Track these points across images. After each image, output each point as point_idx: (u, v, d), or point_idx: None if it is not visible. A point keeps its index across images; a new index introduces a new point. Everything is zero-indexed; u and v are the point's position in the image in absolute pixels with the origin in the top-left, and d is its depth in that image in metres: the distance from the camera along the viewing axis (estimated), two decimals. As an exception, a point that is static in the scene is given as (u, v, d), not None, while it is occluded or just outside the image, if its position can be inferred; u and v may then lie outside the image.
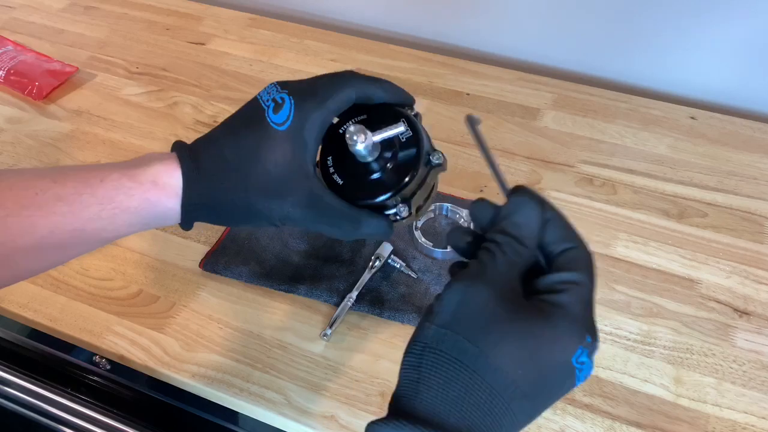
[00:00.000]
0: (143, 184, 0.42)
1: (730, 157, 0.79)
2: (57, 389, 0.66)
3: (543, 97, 0.87)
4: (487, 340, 0.30)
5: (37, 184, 0.41)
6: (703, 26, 0.83)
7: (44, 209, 0.40)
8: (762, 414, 0.56)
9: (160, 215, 0.43)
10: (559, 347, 0.31)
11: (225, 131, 0.43)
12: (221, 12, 1.05)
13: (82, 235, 0.42)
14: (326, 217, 0.41)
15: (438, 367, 0.30)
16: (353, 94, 0.43)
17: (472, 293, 0.31)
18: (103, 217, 0.41)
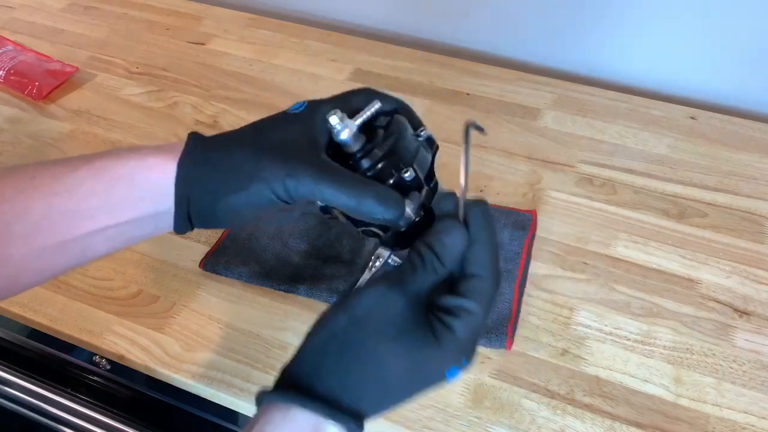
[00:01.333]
0: (142, 150, 0.41)
1: (730, 157, 0.79)
2: (57, 389, 0.66)
3: (543, 97, 0.87)
4: (388, 344, 0.35)
5: (36, 169, 0.41)
6: (703, 26, 0.83)
7: (40, 190, 0.40)
8: (762, 414, 0.56)
9: (155, 185, 0.41)
10: (439, 364, 0.36)
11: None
12: (221, 12, 1.05)
13: (77, 219, 0.40)
14: (336, 180, 0.39)
15: (341, 357, 0.35)
16: (363, 96, 0.43)
17: (387, 298, 0.35)
18: (99, 191, 0.40)
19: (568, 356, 0.60)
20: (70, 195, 0.40)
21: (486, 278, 0.37)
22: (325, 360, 0.35)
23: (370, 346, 0.35)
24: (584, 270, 0.67)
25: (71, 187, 0.40)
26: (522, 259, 0.66)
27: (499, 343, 0.60)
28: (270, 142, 0.40)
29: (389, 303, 0.35)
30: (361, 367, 0.35)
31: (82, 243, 0.41)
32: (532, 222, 0.70)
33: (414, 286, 0.36)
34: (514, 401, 0.57)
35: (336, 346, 0.35)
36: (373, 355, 0.35)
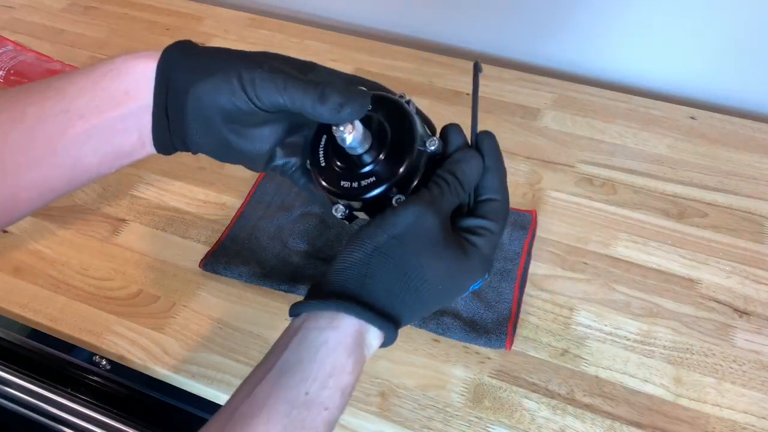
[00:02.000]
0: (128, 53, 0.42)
1: (730, 157, 0.79)
2: (57, 389, 0.66)
3: (543, 97, 0.87)
4: (428, 258, 0.38)
5: (32, 83, 0.42)
6: (703, 25, 0.83)
7: (33, 96, 0.40)
8: (762, 414, 0.56)
9: (139, 75, 0.41)
10: (469, 276, 0.41)
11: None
12: (221, 12, 1.05)
13: (68, 119, 0.40)
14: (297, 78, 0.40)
15: (384, 269, 0.38)
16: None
17: (424, 217, 0.39)
18: (88, 88, 0.41)
19: (568, 356, 0.60)
20: (62, 96, 0.40)
21: (501, 200, 0.42)
22: (369, 271, 0.38)
23: (412, 260, 0.38)
24: (584, 270, 0.67)
25: (62, 89, 0.41)
26: (522, 259, 0.66)
27: (499, 343, 0.60)
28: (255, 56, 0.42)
29: (426, 222, 0.39)
30: (404, 279, 0.38)
31: (74, 149, 0.41)
32: (532, 222, 0.70)
33: (442, 208, 0.40)
34: (514, 401, 0.57)
35: (379, 260, 0.38)
36: (415, 268, 0.38)
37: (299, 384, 0.36)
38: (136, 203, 0.74)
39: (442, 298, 0.41)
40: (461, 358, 0.60)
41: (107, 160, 0.43)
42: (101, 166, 0.43)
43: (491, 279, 0.65)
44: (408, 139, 0.41)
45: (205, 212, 0.73)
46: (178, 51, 0.42)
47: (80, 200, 0.75)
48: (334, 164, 0.43)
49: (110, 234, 0.71)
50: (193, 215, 0.73)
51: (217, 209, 0.73)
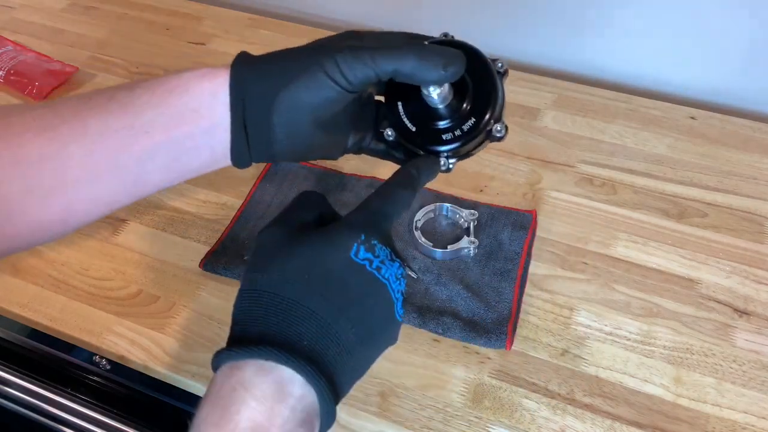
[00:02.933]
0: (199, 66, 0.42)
1: (730, 157, 0.79)
2: (57, 389, 0.66)
3: (543, 97, 0.87)
4: (274, 263, 0.36)
5: (93, 91, 0.41)
6: (703, 26, 0.83)
7: (95, 109, 0.39)
8: (762, 414, 0.56)
9: (209, 92, 0.40)
10: (332, 247, 0.36)
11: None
12: (221, 12, 1.05)
13: (132, 135, 0.39)
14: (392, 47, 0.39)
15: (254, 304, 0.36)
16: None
17: (265, 235, 0.38)
18: (153, 104, 0.39)
19: (568, 356, 0.60)
20: (125, 111, 0.39)
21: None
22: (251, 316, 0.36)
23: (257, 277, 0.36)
24: (584, 270, 0.67)
25: (126, 103, 0.39)
26: (522, 259, 0.66)
27: (499, 343, 0.60)
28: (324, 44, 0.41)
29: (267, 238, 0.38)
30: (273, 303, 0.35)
31: (137, 166, 0.40)
32: (532, 222, 0.70)
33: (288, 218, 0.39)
34: (514, 401, 0.57)
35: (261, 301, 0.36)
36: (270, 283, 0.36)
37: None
38: (136, 203, 0.74)
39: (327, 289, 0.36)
40: (461, 358, 0.60)
41: (172, 176, 0.42)
42: (164, 182, 0.42)
43: (491, 279, 0.65)
44: (489, 85, 0.43)
45: (205, 212, 0.73)
46: (245, 65, 0.41)
47: (80, 200, 0.75)
48: (425, 125, 0.43)
49: (110, 234, 0.71)
50: (193, 215, 0.73)
51: (217, 209, 0.73)
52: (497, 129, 0.42)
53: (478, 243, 0.67)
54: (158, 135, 0.39)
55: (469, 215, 0.69)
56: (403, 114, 0.43)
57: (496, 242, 0.68)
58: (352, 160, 0.76)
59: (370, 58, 0.38)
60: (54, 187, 0.39)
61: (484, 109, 0.42)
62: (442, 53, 0.39)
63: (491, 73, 0.43)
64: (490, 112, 0.42)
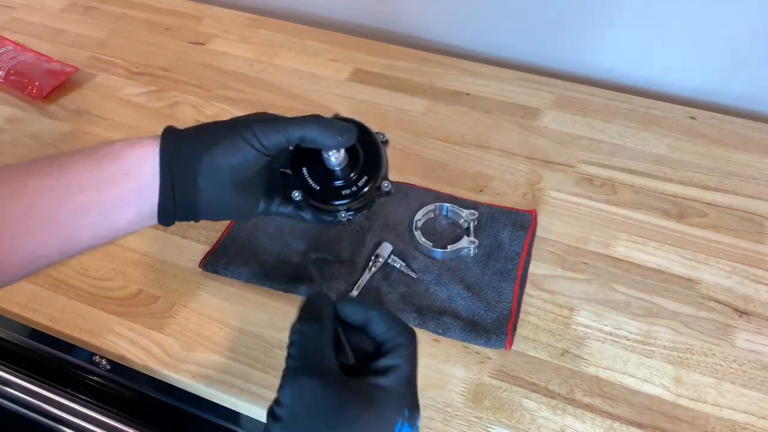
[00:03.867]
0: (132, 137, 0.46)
1: (730, 157, 0.79)
2: (57, 389, 0.66)
3: (543, 97, 0.87)
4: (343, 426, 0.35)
5: (35, 158, 0.44)
6: (703, 26, 0.83)
7: (35, 172, 0.43)
8: (762, 414, 0.56)
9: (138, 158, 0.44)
10: (382, 424, 0.36)
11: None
12: (221, 12, 1.05)
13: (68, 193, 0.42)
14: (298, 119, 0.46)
15: None
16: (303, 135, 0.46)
17: (307, 389, 0.35)
18: (88, 167, 0.43)
19: (568, 356, 0.60)
20: (62, 172, 0.43)
21: (400, 334, 0.41)
22: None
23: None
24: (584, 270, 0.67)
25: (64, 166, 0.43)
26: (522, 259, 0.66)
27: (499, 343, 0.60)
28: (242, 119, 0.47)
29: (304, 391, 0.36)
30: None
31: (70, 221, 0.43)
32: (532, 222, 0.70)
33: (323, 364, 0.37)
34: (514, 401, 0.57)
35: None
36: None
37: None
38: (136, 203, 0.74)
39: None
40: (461, 358, 0.60)
41: (101, 234, 0.45)
42: (93, 239, 0.45)
43: (491, 279, 0.65)
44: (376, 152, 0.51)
45: (205, 212, 0.73)
46: (172, 134, 0.46)
47: (80, 200, 0.75)
48: (326, 185, 0.50)
49: (110, 234, 0.71)
50: (193, 215, 0.73)
51: (217, 209, 0.73)
52: (384, 185, 0.51)
53: (478, 243, 0.67)
54: (91, 194, 0.43)
55: (469, 215, 0.69)
56: (307, 177, 0.50)
57: (496, 242, 0.68)
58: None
59: (282, 126, 0.45)
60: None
61: (374, 171, 0.50)
62: (339, 125, 0.46)
63: (377, 143, 0.51)
64: (378, 172, 0.50)
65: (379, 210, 0.71)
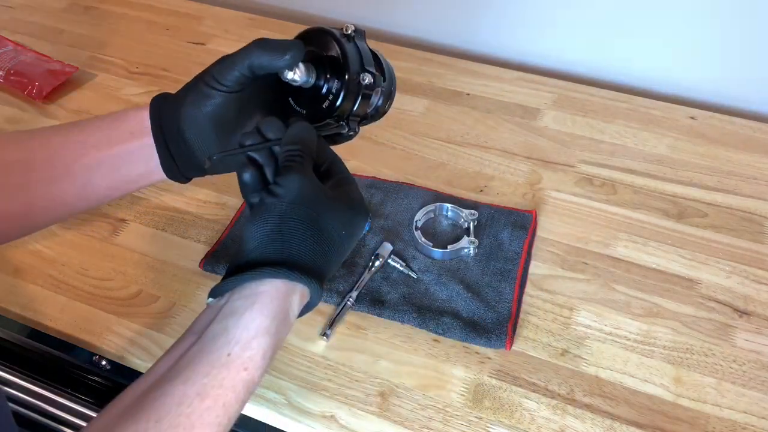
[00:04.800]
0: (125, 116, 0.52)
1: (730, 157, 0.79)
2: (57, 389, 0.66)
3: (543, 97, 0.87)
4: (325, 210, 0.43)
5: (61, 125, 0.53)
6: (703, 26, 0.84)
7: (57, 130, 0.52)
8: (762, 414, 0.56)
9: (140, 119, 0.51)
10: (358, 217, 0.46)
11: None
12: (221, 12, 1.05)
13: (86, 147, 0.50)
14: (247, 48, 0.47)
15: (297, 230, 0.42)
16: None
17: (303, 181, 0.43)
18: (102, 127, 0.51)
19: (568, 356, 0.60)
20: (80, 130, 0.51)
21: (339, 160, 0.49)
22: (285, 236, 0.41)
23: (316, 216, 0.42)
24: (584, 270, 0.67)
25: (82, 126, 0.52)
26: (522, 259, 0.66)
27: (499, 343, 0.60)
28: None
29: (307, 184, 0.43)
30: (317, 234, 0.42)
31: (86, 173, 0.51)
32: (532, 222, 0.70)
33: (309, 171, 0.44)
34: (514, 401, 0.57)
35: (290, 224, 0.42)
36: (321, 221, 0.43)
37: (222, 347, 0.38)
38: (136, 203, 0.74)
39: (348, 242, 0.45)
40: (461, 358, 0.60)
41: (114, 185, 0.52)
42: (109, 190, 0.53)
43: (491, 279, 0.65)
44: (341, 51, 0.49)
45: (205, 212, 0.73)
46: (162, 97, 0.51)
47: (80, 200, 0.75)
48: (311, 105, 0.50)
49: (110, 234, 0.71)
50: (193, 215, 0.73)
51: (217, 209, 0.73)
52: (363, 78, 0.49)
53: (478, 243, 0.67)
54: (104, 149, 0.50)
55: (469, 215, 0.69)
56: (293, 104, 0.50)
57: (496, 242, 0.68)
58: (352, 161, 0.76)
59: (230, 60, 0.47)
60: (19, 185, 0.49)
61: (342, 70, 0.48)
62: (280, 42, 0.46)
63: (337, 41, 0.48)
64: (345, 71, 0.48)
65: (379, 210, 0.71)
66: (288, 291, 0.41)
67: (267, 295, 0.40)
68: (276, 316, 0.40)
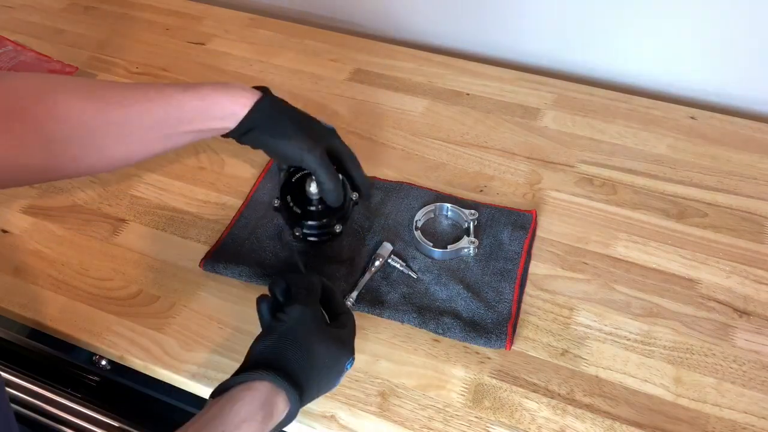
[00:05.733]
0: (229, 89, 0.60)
1: (730, 157, 0.79)
2: (57, 389, 0.66)
3: (543, 97, 0.87)
4: (317, 339, 0.51)
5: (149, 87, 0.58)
6: (703, 26, 0.83)
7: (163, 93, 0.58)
8: (762, 414, 0.56)
9: (230, 111, 0.59)
10: (344, 354, 0.53)
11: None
12: (221, 12, 1.05)
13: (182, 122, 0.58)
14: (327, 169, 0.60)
15: (291, 347, 0.50)
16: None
17: (305, 312, 0.52)
18: (200, 109, 0.58)
19: (568, 356, 0.60)
20: (180, 106, 0.57)
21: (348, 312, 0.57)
22: (280, 350, 0.49)
23: (308, 341, 0.51)
24: (584, 270, 0.67)
25: (181, 101, 0.58)
26: (522, 259, 0.66)
27: (499, 343, 0.60)
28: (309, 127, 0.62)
29: (307, 315, 0.52)
30: (305, 354, 0.50)
31: (165, 142, 0.59)
32: (532, 222, 0.70)
33: (313, 306, 0.53)
34: (514, 401, 0.57)
35: (286, 342, 0.50)
36: (311, 345, 0.50)
37: (216, 428, 0.45)
38: (136, 203, 0.74)
39: (329, 373, 0.52)
40: (461, 358, 0.60)
41: (190, 141, 0.60)
42: (184, 144, 0.61)
43: (491, 279, 0.65)
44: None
45: (205, 212, 0.73)
46: (258, 109, 0.59)
47: (80, 200, 0.75)
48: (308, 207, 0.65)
49: (110, 234, 0.71)
50: (193, 215, 0.73)
51: (217, 209, 0.73)
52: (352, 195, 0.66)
53: (478, 243, 0.67)
54: (197, 124, 0.59)
55: (470, 215, 0.69)
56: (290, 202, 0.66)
57: (496, 242, 0.68)
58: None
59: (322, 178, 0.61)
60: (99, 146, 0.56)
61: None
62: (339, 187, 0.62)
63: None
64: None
65: (379, 210, 0.71)
66: (273, 391, 0.48)
67: (256, 390, 0.47)
68: (263, 407, 0.47)
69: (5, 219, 0.73)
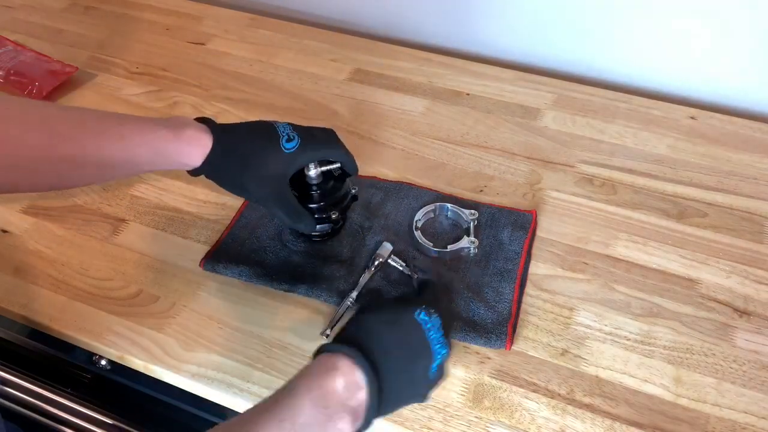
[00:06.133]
0: (182, 139, 0.57)
1: (730, 157, 0.79)
2: (57, 389, 0.66)
3: (543, 97, 0.87)
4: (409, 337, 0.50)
5: (105, 122, 0.56)
6: (703, 26, 0.83)
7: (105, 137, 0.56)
8: (762, 414, 0.56)
9: (182, 162, 0.58)
10: (431, 386, 0.51)
11: (247, 132, 0.61)
12: (221, 12, 1.05)
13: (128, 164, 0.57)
14: (284, 205, 0.61)
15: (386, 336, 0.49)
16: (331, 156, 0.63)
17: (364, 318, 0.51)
18: (147, 155, 0.57)
19: (568, 356, 0.60)
20: (135, 146, 0.56)
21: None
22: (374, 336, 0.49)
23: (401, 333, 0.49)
24: (584, 270, 0.67)
25: (138, 144, 0.56)
26: (522, 259, 0.66)
27: (499, 343, 0.60)
28: (256, 170, 0.59)
29: (366, 320, 0.51)
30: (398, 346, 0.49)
31: (132, 173, 0.64)
32: (532, 222, 0.70)
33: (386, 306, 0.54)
34: (514, 401, 0.57)
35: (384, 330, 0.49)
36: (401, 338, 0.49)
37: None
38: (136, 203, 0.74)
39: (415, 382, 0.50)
40: (461, 358, 0.60)
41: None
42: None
43: (491, 279, 0.65)
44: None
45: (205, 212, 0.73)
46: (213, 163, 0.58)
47: (80, 200, 0.75)
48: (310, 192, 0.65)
49: (110, 234, 0.71)
50: (193, 215, 0.73)
51: (217, 209, 0.73)
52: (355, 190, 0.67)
53: (478, 243, 0.67)
54: (145, 167, 0.59)
55: (470, 215, 0.69)
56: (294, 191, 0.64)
57: (496, 242, 0.68)
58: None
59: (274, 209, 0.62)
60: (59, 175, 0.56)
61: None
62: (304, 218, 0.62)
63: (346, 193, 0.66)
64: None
65: (379, 210, 0.71)
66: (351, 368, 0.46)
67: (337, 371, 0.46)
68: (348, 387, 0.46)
69: (5, 219, 0.73)
